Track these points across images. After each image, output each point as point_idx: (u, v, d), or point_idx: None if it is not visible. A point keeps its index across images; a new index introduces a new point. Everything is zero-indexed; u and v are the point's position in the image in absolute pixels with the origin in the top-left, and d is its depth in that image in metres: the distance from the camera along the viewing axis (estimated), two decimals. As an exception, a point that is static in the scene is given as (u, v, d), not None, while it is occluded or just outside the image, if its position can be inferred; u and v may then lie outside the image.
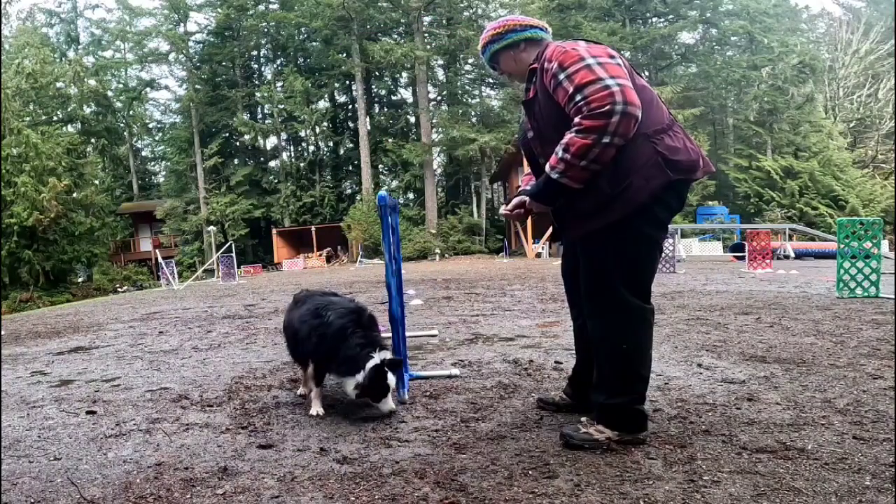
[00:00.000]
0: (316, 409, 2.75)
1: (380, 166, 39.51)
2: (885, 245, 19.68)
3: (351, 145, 39.56)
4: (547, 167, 2.09)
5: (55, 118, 36.22)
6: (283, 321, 3.26)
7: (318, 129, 38.40)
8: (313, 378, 2.82)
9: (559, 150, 2.03)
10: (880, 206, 30.32)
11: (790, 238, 22.77)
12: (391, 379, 2.60)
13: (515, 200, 2.40)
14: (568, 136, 2.00)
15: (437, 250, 30.08)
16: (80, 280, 32.52)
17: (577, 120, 1.98)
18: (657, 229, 2.16)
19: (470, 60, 35.77)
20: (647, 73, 35.14)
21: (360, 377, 2.56)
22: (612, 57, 2.06)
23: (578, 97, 1.97)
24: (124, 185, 43.10)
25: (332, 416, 2.71)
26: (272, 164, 40.49)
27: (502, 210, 2.53)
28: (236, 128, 37.11)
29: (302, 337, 2.81)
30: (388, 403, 2.62)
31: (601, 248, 2.14)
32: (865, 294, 6.61)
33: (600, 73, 1.97)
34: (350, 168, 40.59)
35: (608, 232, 2.10)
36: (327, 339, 2.67)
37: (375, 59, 32.20)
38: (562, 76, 2.04)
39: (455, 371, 3.42)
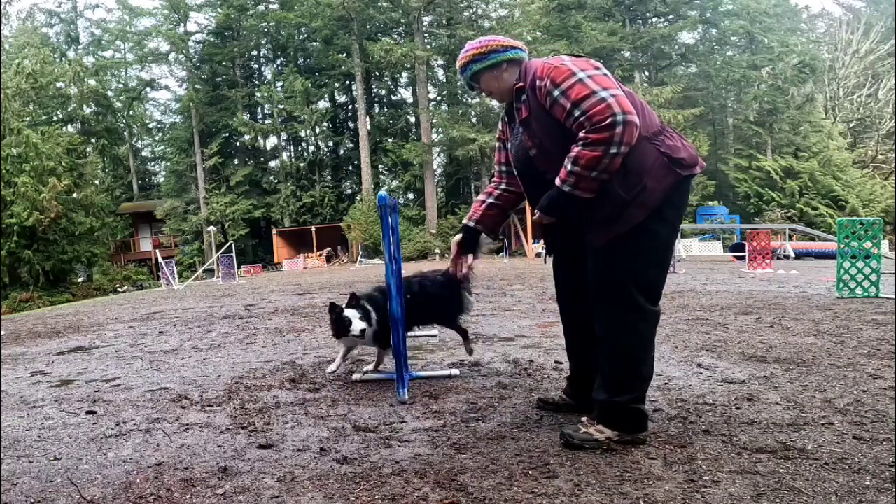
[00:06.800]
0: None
1: (380, 166, 39.48)
2: (885, 245, 19.67)
3: (351, 145, 39.52)
4: (557, 181, 2.14)
5: (55, 118, 36.20)
6: None
7: (318, 129, 38.36)
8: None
9: (568, 163, 2.09)
10: (880, 206, 30.31)
11: (790, 238, 22.78)
12: (349, 313, 3.13)
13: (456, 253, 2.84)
14: (576, 150, 2.06)
15: (437, 250, 30.07)
16: (80, 280, 32.48)
17: (582, 134, 2.04)
18: (670, 231, 2.21)
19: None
20: (646, 73, 35.19)
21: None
22: (597, 69, 2.13)
23: (577, 112, 2.04)
24: (124, 185, 43.04)
25: (333, 417, 2.71)
26: (272, 164, 40.43)
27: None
28: (236, 128, 37.06)
29: None
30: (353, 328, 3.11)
31: (617, 252, 2.17)
32: (865, 294, 6.61)
33: (593, 86, 2.04)
34: (350, 168, 40.56)
35: (625, 236, 2.13)
36: None
37: (375, 59, 32.15)
38: (556, 93, 2.10)
39: (455, 371, 3.42)
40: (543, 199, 2.26)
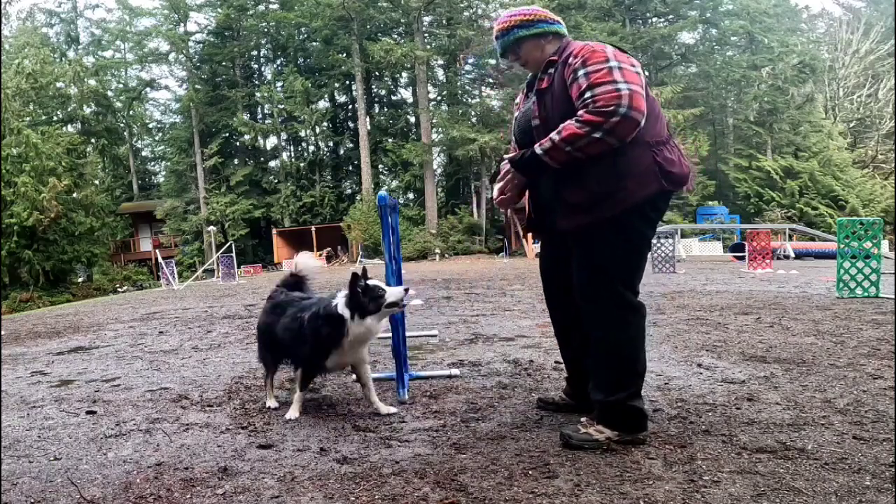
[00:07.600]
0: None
1: (380, 166, 39.46)
2: (885, 245, 19.68)
3: (351, 145, 39.52)
4: (536, 145, 2.18)
5: (55, 118, 36.17)
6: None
7: (318, 129, 38.35)
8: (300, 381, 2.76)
9: (553, 132, 2.13)
10: (880, 206, 30.31)
11: (790, 238, 22.79)
12: (372, 283, 2.54)
13: (500, 181, 2.42)
14: (565, 123, 2.09)
15: (437, 250, 30.06)
16: (80, 280, 32.44)
17: (580, 112, 2.07)
18: (649, 228, 2.25)
19: (470, 60, 35.73)
20: (647, 73, 35.12)
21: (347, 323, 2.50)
22: (633, 66, 2.13)
23: (588, 94, 2.06)
24: (124, 185, 42.99)
25: (333, 416, 2.71)
26: (272, 164, 40.42)
27: (495, 202, 2.52)
28: (236, 128, 37.05)
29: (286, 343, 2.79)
30: (393, 295, 2.55)
31: (598, 244, 2.20)
32: (865, 294, 6.61)
33: (617, 76, 2.05)
34: (350, 168, 40.56)
35: (605, 228, 2.16)
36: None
37: (375, 59, 32.14)
38: (581, 72, 2.12)
39: (455, 371, 3.42)
40: (517, 153, 2.30)
